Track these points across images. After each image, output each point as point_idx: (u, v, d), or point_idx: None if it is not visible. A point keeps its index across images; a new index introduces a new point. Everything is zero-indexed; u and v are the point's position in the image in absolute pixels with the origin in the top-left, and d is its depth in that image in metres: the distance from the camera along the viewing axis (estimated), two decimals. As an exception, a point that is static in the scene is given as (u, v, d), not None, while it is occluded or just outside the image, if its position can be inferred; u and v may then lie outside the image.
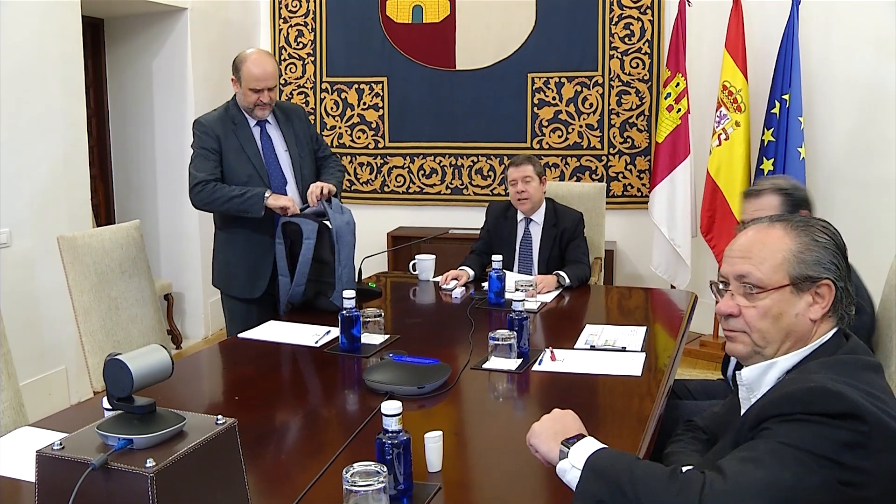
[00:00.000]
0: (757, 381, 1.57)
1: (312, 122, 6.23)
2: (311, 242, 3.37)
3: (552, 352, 2.70)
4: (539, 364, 2.62)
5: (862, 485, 1.29)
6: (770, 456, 1.32)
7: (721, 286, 1.64)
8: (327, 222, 3.38)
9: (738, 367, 1.64)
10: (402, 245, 5.51)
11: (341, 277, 3.34)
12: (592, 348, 2.82)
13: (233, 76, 3.48)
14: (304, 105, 6.36)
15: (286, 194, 3.52)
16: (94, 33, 5.60)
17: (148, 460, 1.28)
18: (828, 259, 1.53)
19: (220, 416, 1.46)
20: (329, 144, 6.33)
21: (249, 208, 3.37)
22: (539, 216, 4.08)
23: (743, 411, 1.59)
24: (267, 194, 3.37)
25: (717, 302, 1.67)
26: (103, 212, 5.75)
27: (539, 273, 4.00)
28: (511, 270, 4.04)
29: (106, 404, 1.71)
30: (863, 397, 1.34)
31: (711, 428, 1.85)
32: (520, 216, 4.10)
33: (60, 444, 1.35)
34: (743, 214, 2.80)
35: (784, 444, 1.32)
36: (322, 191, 3.44)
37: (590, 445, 1.51)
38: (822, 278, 1.53)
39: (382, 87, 6.22)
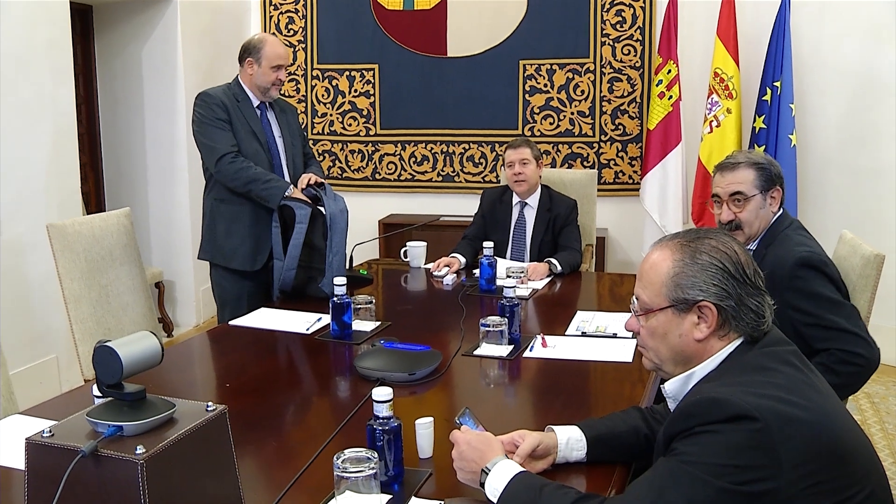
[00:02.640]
0: (679, 392, 1.61)
1: (303, 109, 6.26)
2: (302, 227, 3.38)
3: (543, 338, 2.70)
4: (530, 350, 2.63)
5: (770, 478, 1.34)
6: (667, 477, 1.39)
7: (632, 305, 1.69)
8: (322, 208, 3.39)
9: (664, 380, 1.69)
10: (394, 232, 5.50)
11: (332, 264, 3.35)
12: (584, 335, 2.82)
13: (249, 57, 3.55)
14: (294, 93, 6.34)
15: (283, 176, 3.57)
16: (83, 20, 5.56)
17: (138, 447, 1.28)
18: (707, 280, 1.54)
19: (210, 403, 1.46)
20: (320, 132, 6.32)
21: (268, 198, 3.41)
22: (534, 200, 4.09)
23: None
24: (290, 191, 3.41)
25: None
26: (93, 199, 5.72)
27: (531, 256, 4.02)
28: (504, 254, 4.07)
29: (96, 391, 1.71)
30: (754, 396, 1.38)
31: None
32: (515, 200, 4.12)
33: (50, 431, 1.35)
34: (716, 187, 2.77)
35: (684, 461, 1.38)
36: (312, 180, 3.47)
37: (500, 478, 1.55)
38: (698, 300, 1.54)
39: (374, 74, 6.20)
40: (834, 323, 2.43)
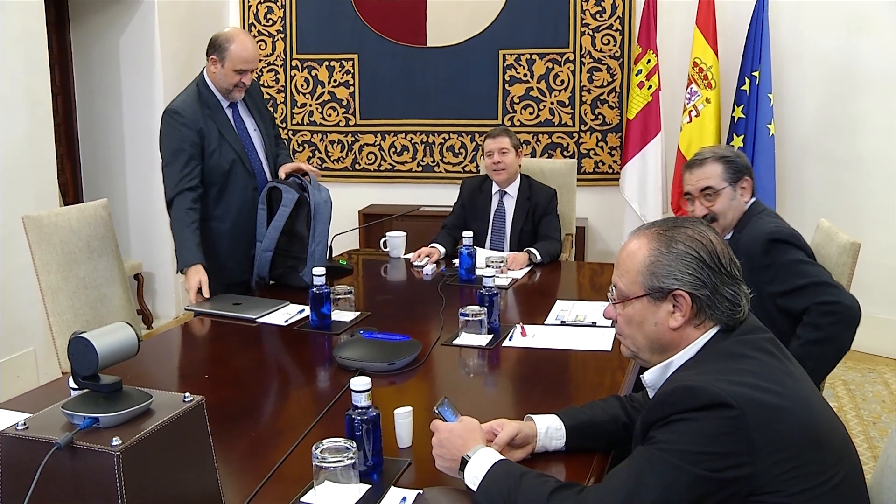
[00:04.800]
0: (658, 381, 1.62)
1: (283, 99, 6.23)
2: (286, 210, 3.35)
3: (523, 327, 2.71)
4: (510, 340, 2.63)
5: (746, 464, 1.36)
6: (644, 465, 1.40)
7: (610, 293, 1.70)
8: (308, 196, 3.36)
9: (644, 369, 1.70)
10: (374, 222, 5.49)
11: (314, 254, 3.33)
12: (563, 324, 2.83)
13: (213, 55, 3.35)
14: (273, 83, 6.30)
15: (263, 175, 3.49)
16: (58, 9, 5.49)
17: (114, 439, 1.27)
18: (682, 269, 1.55)
19: (187, 394, 1.45)
20: (300, 122, 6.29)
21: (178, 257, 3.28)
22: (513, 189, 4.10)
23: None
24: (191, 267, 3.19)
25: None
26: (71, 191, 5.67)
27: (511, 246, 4.03)
28: (484, 243, 4.07)
29: (72, 384, 1.70)
30: (730, 384, 1.40)
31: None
32: (494, 188, 4.12)
33: (24, 424, 1.34)
34: (686, 185, 2.86)
35: (661, 449, 1.40)
36: (296, 170, 3.43)
37: (480, 466, 1.55)
38: (673, 289, 1.55)
39: (353, 64, 6.17)
40: (808, 280, 2.49)
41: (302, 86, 6.28)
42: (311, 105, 6.29)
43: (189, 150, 3.28)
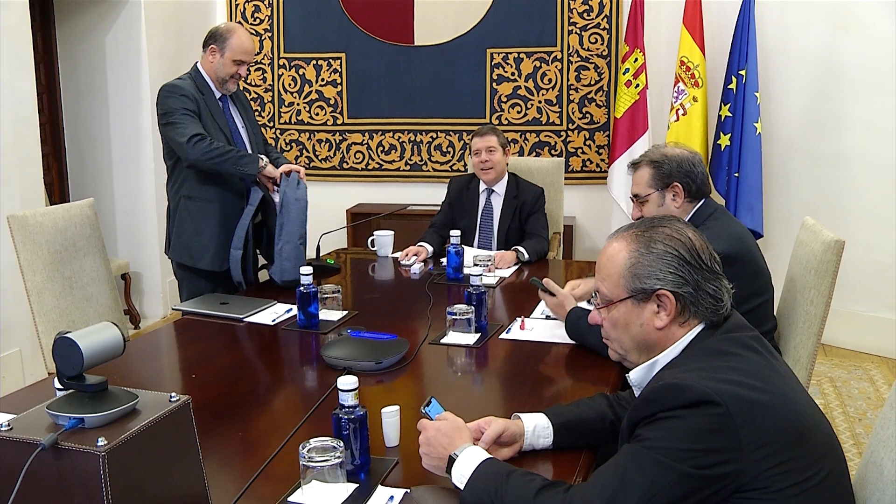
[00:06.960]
0: (644, 379, 1.63)
1: (270, 98, 6.22)
2: (251, 209, 3.39)
3: (523, 320, 2.74)
4: (507, 332, 2.67)
5: (732, 461, 1.37)
6: (631, 462, 1.41)
7: (593, 297, 1.71)
8: (275, 196, 3.37)
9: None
10: (361, 221, 5.49)
11: (281, 252, 3.31)
12: (548, 318, 2.85)
13: (213, 44, 3.43)
14: (261, 82, 6.29)
15: None
16: (43, 6, 5.46)
17: (99, 439, 1.26)
18: (663, 268, 1.56)
19: (173, 394, 1.44)
20: (287, 121, 6.28)
21: (245, 167, 3.30)
22: (501, 187, 4.10)
23: None
24: (264, 160, 3.35)
25: None
26: (57, 190, 5.64)
27: (498, 244, 4.04)
28: (471, 241, 4.08)
29: (57, 384, 1.69)
30: (715, 381, 1.41)
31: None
32: (482, 187, 4.12)
33: (8, 424, 1.33)
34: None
35: (647, 447, 1.40)
36: (297, 171, 3.43)
37: (467, 465, 1.55)
38: (656, 289, 1.56)
39: (341, 63, 6.16)
40: None
41: (289, 85, 6.27)
42: (298, 104, 6.28)
43: (195, 115, 3.36)
